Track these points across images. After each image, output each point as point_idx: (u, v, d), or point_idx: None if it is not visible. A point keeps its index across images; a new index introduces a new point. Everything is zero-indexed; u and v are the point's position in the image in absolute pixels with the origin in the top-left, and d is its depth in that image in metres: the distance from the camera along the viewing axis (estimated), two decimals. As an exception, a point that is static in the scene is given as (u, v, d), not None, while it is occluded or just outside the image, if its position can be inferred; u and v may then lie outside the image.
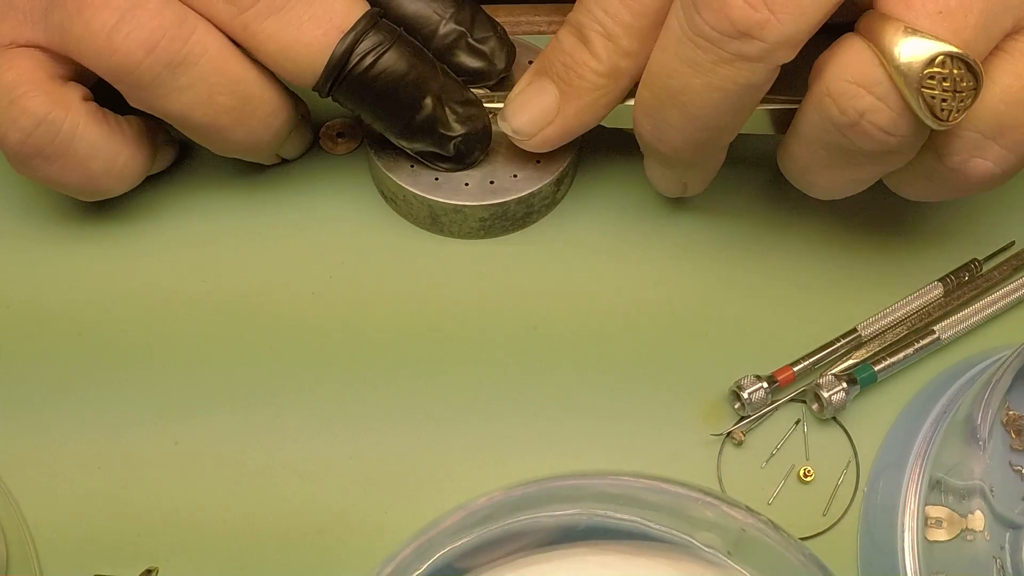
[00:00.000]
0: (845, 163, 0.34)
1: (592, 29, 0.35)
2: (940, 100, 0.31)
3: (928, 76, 0.30)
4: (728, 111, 0.33)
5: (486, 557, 0.32)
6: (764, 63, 0.31)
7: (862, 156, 0.33)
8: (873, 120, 0.32)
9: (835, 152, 0.34)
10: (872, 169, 0.34)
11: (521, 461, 0.37)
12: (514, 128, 0.38)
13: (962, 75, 0.31)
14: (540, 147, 0.38)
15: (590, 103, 0.36)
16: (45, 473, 0.37)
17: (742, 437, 0.37)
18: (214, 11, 0.35)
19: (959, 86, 0.31)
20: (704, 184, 0.39)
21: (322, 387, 0.38)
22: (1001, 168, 0.33)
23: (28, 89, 0.35)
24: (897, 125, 0.32)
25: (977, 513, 0.35)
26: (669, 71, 0.33)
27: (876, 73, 0.31)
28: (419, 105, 0.37)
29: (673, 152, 0.36)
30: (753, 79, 0.32)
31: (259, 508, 0.36)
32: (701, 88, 0.33)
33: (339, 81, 0.36)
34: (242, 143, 0.38)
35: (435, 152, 0.38)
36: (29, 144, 0.36)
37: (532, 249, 0.41)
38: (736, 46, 0.31)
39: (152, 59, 0.34)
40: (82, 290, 0.40)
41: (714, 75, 0.32)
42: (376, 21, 0.36)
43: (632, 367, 0.38)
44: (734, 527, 0.31)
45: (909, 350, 0.38)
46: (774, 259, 0.41)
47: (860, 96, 0.31)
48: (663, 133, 0.35)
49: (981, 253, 0.41)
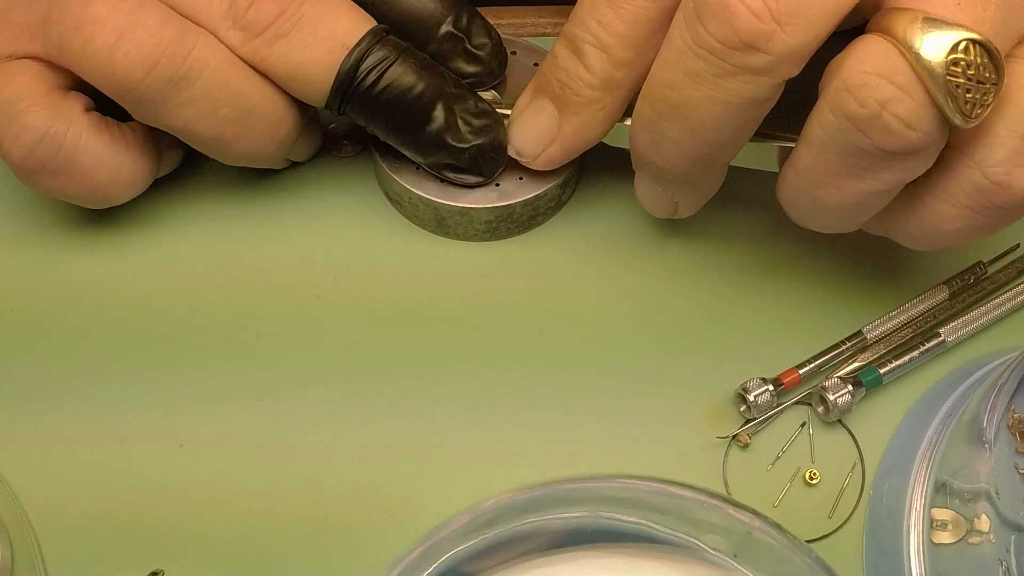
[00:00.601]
0: (860, 171, 0.32)
1: (585, 41, 0.34)
2: (964, 91, 0.30)
3: (952, 63, 0.29)
4: (729, 126, 0.32)
5: (493, 560, 0.32)
6: (769, 76, 0.31)
7: (879, 160, 0.31)
8: (895, 111, 0.30)
9: (850, 158, 0.32)
10: (887, 178, 0.32)
11: (527, 464, 0.37)
12: (517, 150, 0.38)
13: (985, 64, 0.30)
14: (544, 167, 0.38)
15: (588, 119, 0.36)
16: (50, 476, 0.37)
17: (748, 440, 0.37)
18: (225, 39, 0.35)
19: (982, 75, 0.30)
20: (696, 207, 0.38)
21: (328, 390, 0.38)
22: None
23: (28, 104, 0.35)
24: (920, 118, 0.30)
25: (983, 516, 0.35)
26: (670, 83, 0.32)
27: (897, 63, 0.30)
28: (429, 117, 0.37)
29: (670, 167, 0.35)
30: (757, 93, 0.31)
31: (265, 511, 0.36)
32: (703, 101, 0.32)
33: (348, 98, 0.36)
34: (247, 153, 0.38)
35: (452, 164, 0.38)
36: (32, 159, 0.36)
37: (537, 251, 0.41)
38: (740, 58, 0.30)
39: (152, 77, 0.34)
40: (87, 293, 0.40)
41: (717, 88, 0.31)
42: (381, 36, 0.36)
43: (637, 369, 0.38)
44: (740, 530, 0.32)
45: (915, 353, 0.38)
46: (780, 262, 0.41)
47: (881, 86, 0.30)
48: (661, 148, 0.34)
49: (987, 256, 0.41)
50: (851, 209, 0.34)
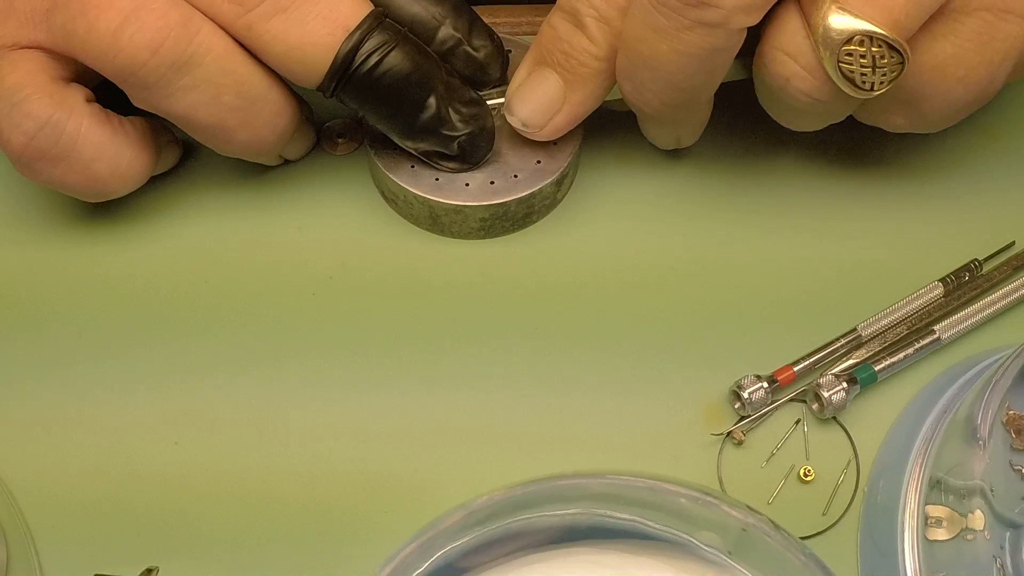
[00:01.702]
0: (794, 114, 0.37)
1: (587, 15, 0.36)
2: (860, 74, 0.33)
3: (846, 53, 0.33)
4: (698, 72, 0.35)
5: (487, 557, 0.32)
6: (724, 28, 0.33)
7: (796, 112, 0.36)
8: (798, 86, 0.34)
9: (778, 105, 0.37)
10: (815, 119, 0.37)
11: (521, 461, 0.37)
12: (523, 120, 0.38)
13: (882, 53, 0.33)
14: (550, 136, 0.38)
15: (594, 88, 0.37)
16: (45, 473, 0.37)
17: (742, 437, 0.37)
18: (218, 11, 0.35)
19: (879, 63, 0.33)
20: (695, 136, 0.41)
21: (322, 387, 0.38)
22: (914, 126, 0.38)
23: (31, 92, 0.35)
24: (821, 92, 0.34)
25: (977, 513, 0.35)
26: (639, 37, 0.34)
27: (801, 43, 0.34)
28: (423, 104, 0.37)
29: (655, 112, 0.37)
30: (716, 43, 0.33)
31: (261, 508, 0.36)
32: (668, 53, 0.34)
33: (344, 81, 0.36)
34: (247, 143, 0.38)
35: (439, 152, 0.38)
36: (32, 147, 0.36)
37: (533, 249, 0.41)
38: (696, 13, 0.32)
39: (157, 59, 0.34)
40: (83, 290, 0.40)
41: (678, 40, 0.33)
42: (381, 20, 0.36)
43: (632, 367, 0.38)
44: (734, 527, 0.31)
45: (909, 350, 0.38)
46: (775, 259, 0.41)
47: (786, 63, 0.34)
48: (641, 95, 0.36)
49: (981, 253, 0.41)
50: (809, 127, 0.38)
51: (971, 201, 0.42)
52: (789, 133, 0.39)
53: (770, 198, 0.42)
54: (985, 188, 0.42)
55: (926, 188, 0.42)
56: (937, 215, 0.42)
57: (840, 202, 0.42)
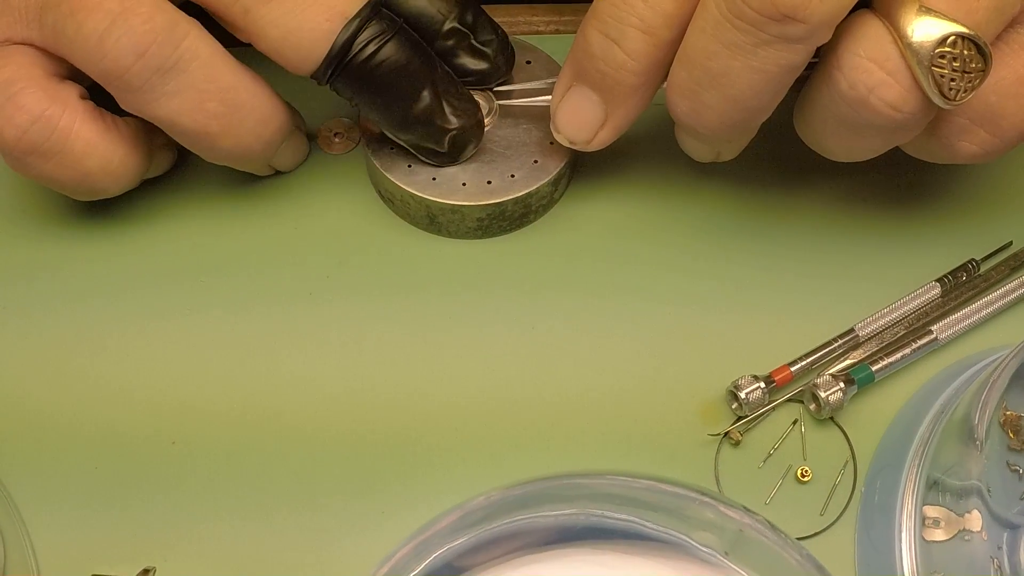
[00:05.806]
0: (853, 134, 0.34)
1: (628, 24, 0.33)
2: (949, 80, 0.31)
3: (939, 55, 0.31)
4: (767, 92, 0.33)
5: (483, 557, 0.32)
6: (805, 44, 0.32)
7: (869, 129, 0.34)
8: (882, 95, 0.32)
9: (843, 123, 0.34)
10: (881, 141, 0.35)
11: (518, 461, 0.37)
12: (569, 139, 0.38)
13: (972, 56, 0.31)
14: (598, 147, 0.38)
15: (637, 101, 0.36)
16: (42, 472, 0.37)
17: (739, 437, 0.37)
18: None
19: (968, 67, 0.31)
20: (738, 151, 0.39)
21: (319, 386, 0.38)
22: (985, 151, 0.35)
23: (24, 86, 0.35)
24: (905, 101, 0.32)
25: (974, 513, 0.35)
26: (708, 53, 0.32)
27: (888, 49, 0.32)
28: (418, 95, 0.37)
29: (709, 132, 0.35)
30: (794, 60, 0.32)
31: (257, 509, 0.36)
32: (741, 70, 0.32)
33: (340, 69, 0.36)
34: (231, 151, 0.37)
35: (429, 147, 0.38)
36: (25, 141, 0.35)
37: (529, 249, 0.41)
38: (778, 28, 0.31)
39: (142, 64, 0.34)
40: (78, 293, 0.40)
41: (755, 57, 0.32)
42: (378, 10, 0.36)
43: (630, 367, 0.38)
44: (731, 527, 0.31)
45: (907, 350, 0.38)
46: (772, 259, 0.41)
47: (871, 71, 0.32)
48: (700, 116, 0.35)
49: (979, 253, 0.41)
50: (856, 154, 0.36)
51: (968, 201, 0.42)
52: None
53: (768, 198, 0.42)
54: (982, 188, 0.42)
55: (924, 188, 0.42)
56: (935, 215, 0.42)
57: (838, 202, 0.42)
